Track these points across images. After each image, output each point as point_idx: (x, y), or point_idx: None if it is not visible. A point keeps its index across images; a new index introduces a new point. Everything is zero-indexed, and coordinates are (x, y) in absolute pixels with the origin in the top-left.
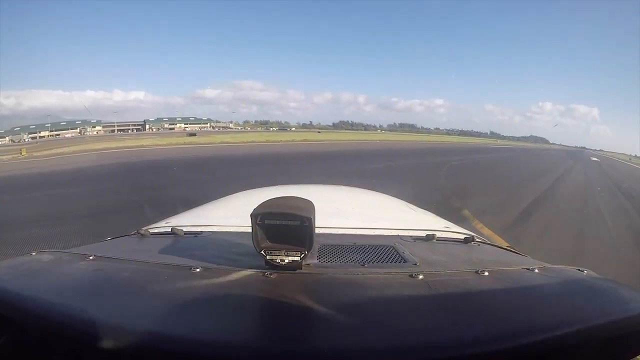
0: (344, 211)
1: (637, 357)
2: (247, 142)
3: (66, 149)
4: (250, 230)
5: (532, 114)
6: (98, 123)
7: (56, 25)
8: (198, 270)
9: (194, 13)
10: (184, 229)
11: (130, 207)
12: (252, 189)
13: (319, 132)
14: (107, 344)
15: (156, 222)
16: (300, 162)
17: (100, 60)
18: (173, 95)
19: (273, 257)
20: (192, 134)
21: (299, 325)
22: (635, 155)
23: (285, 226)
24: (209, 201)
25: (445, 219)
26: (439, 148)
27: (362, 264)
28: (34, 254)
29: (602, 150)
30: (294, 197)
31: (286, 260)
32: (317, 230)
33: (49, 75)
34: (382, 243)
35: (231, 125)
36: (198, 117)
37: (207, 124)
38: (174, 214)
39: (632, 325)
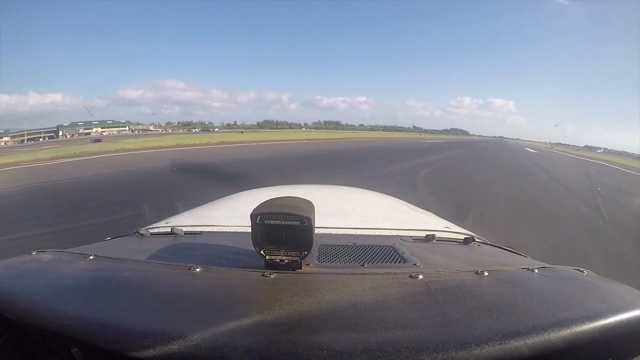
0: (344, 211)
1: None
2: (152, 147)
3: None
4: (250, 230)
5: (451, 108)
6: (6, 133)
7: None
8: (198, 270)
9: (114, 8)
10: (184, 229)
11: None
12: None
13: (241, 132)
14: (106, 344)
15: (156, 222)
16: (179, 189)
17: (12, 60)
18: (93, 97)
19: (273, 257)
20: (98, 140)
21: (298, 326)
22: (551, 142)
23: (285, 226)
24: (209, 202)
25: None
26: (373, 147)
27: (362, 264)
28: (34, 253)
29: (518, 139)
30: (293, 197)
31: (286, 260)
32: (317, 230)
33: None
34: (382, 243)
35: (151, 128)
36: (116, 120)
37: (125, 127)
38: (174, 214)
39: (633, 325)
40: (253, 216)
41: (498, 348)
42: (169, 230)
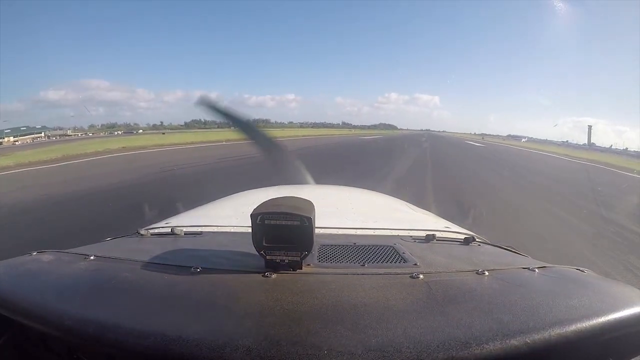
0: (344, 211)
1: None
2: (29, 163)
3: None
4: (250, 230)
5: (379, 104)
6: None
7: None
8: (198, 270)
9: (33, 2)
10: (184, 229)
11: None
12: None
13: (163, 133)
14: (106, 344)
15: (156, 222)
16: None
17: None
18: (12, 101)
19: (273, 257)
20: None
21: (299, 326)
22: (476, 133)
23: (285, 226)
24: (209, 201)
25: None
26: (307, 149)
27: (362, 264)
28: (34, 254)
29: (445, 131)
30: (294, 197)
31: (286, 261)
32: (317, 230)
33: None
34: (382, 243)
35: (69, 132)
36: (31, 126)
37: (41, 133)
38: (174, 214)
39: (633, 325)
40: (253, 216)
41: (498, 348)
42: (169, 230)
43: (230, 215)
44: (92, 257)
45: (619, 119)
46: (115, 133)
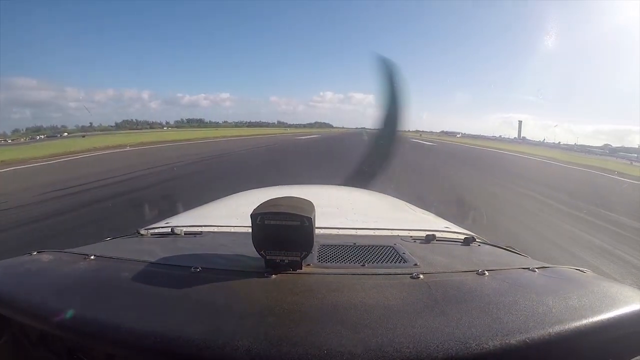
0: (344, 211)
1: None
2: None
3: None
4: (250, 230)
5: (314, 103)
6: None
7: None
8: (198, 270)
9: None
10: (184, 229)
11: None
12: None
13: (83, 136)
14: (107, 344)
15: (156, 222)
16: None
17: None
18: None
19: (273, 258)
20: None
21: (298, 326)
22: (410, 130)
23: (285, 226)
24: (209, 201)
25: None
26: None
27: (362, 264)
28: (34, 254)
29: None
30: (294, 197)
31: (286, 261)
32: (317, 230)
33: None
34: (382, 243)
35: None
36: None
37: None
38: (174, 214)
39: (632, 325)
40: (253, 216)
41: (498, 348)
42: (169, 230)
43: (230, 215)
44: (92, 257)
45: (542, 115)
46: (38, 138)
